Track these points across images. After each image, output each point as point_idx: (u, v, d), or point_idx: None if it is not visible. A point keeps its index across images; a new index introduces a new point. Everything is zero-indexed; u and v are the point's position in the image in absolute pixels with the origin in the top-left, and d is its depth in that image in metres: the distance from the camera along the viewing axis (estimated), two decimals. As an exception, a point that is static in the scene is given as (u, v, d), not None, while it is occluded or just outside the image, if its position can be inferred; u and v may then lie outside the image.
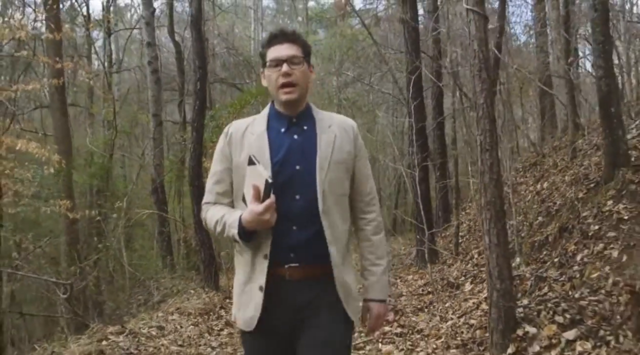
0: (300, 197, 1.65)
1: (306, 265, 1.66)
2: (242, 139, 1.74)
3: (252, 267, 1.69)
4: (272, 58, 1.70)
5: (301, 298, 1.68)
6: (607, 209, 4.13)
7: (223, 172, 1.77)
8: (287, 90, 1.68)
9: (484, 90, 3.43)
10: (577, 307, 3.28)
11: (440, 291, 5.72)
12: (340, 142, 1.73)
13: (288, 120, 1.74)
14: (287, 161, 1.68)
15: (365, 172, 1.82)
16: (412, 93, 6.56)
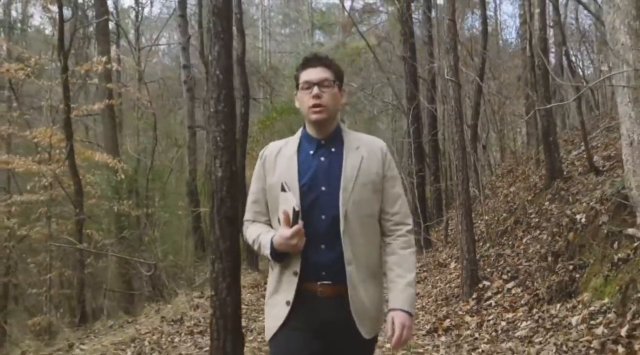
0: (326, 218, 1.70)
1: (336, 283, 1.69)
2: (275, 161, 1.81)
3: (280, 282, 1.75)
4: (304, 80, 1.77)
5: (330, 314, 1.71)
6: (544, 207, 6.05)
7: (259, 192, 1.85)
8: (316, 110, 1.74)
9: (457, 131, 5.33)
10: (516, 270, 5.20)
11: (432, 269, 7.66)
12: (367, 164, 1.76)
13: (317, 142, 1.79)
14: (313, 183, 1.73)
15: (395, 192, 1.83)
16: (411, 119, 8.48)
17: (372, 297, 1.73)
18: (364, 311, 1.71)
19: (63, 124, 9.16)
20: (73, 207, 10.33)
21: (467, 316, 4.88)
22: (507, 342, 3.92)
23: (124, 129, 17.47)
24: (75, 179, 9.17)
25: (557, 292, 4.08)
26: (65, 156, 9.29)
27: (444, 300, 5.75)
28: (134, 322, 5.98)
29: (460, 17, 14.80)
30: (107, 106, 11.92)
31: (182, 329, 5.34)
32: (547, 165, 6.32)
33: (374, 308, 1.74)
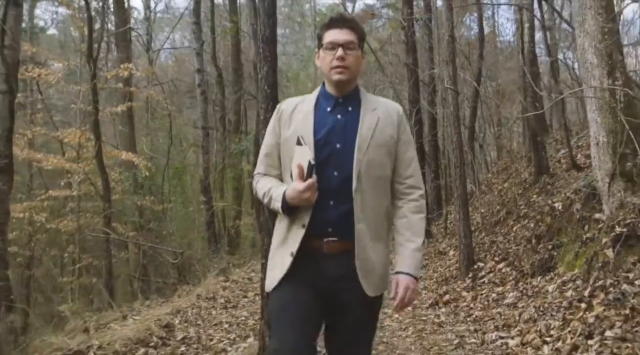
0: (338, 174, 1.70)
1: (342, 240, 1.70)
2: (291, 116, 1.81)
3: (287, 234, 1.76)
4: (329, 41, 1.75)
5: (336, 270, 1.71)
6: (532, 200, 6.85)
7: (272, 145, 1.85)
8: (339, 71, 1.73)
9: (455, 133, 6.12)
10: (506, 253, 6.00)
11: (433, 257, 8.46)
12: (383, 125, 1.76)
13: (335, 100, 1.79)
14: (329, 139, 1.73)
15: (408, 155, 1.83)
16: (413, 121, 9.27)
17: (378, 257, 1.74)
18: (369, 269, 1.71)
19: (92, 125, 9.94)
20: (97, 202, 11.17)
21: (463, 292, 5.69)
22: (496, 308, 4.73)
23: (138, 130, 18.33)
24: (103, 176, 9.96)
25: (538, 267, 4.89)
26: (94, 155, 10.09)
27: (444, 281, 6.56)
28: (169, 302, 6.77)
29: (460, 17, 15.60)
30: (127, 108, 12.73)
31: (216, 304, 6.14)
32: (535, 162, 7.13)
33: (379, 267, 1.74)
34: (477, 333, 4.30)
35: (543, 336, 3.63)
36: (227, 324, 5.16)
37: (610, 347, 3.01)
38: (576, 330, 3.40)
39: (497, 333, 4.12)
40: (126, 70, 10.19)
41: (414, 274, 1.74)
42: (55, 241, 12.43)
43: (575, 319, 3.56)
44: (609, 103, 4.26)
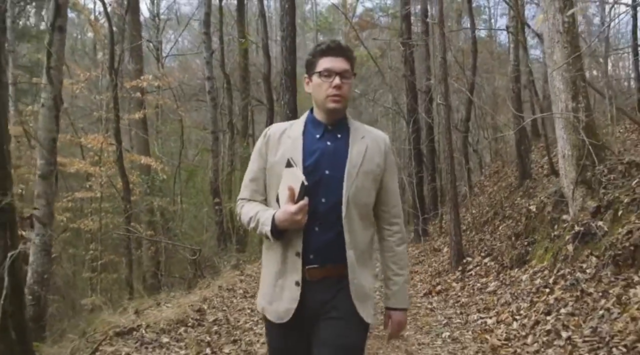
0: (326, 201, 1.71)
1: (324, 267, 1.71)
2: (279, 141, 1.80)
3: (283, 263, 1.74)
4: (326, 68, 1.75)
5: (319, 297, 1.72)
6: (516, 202, 7.68)
7: (258, 170, 1.84)
8: (336, 99, 1.74)
9: (447, 143, 6.94)
10: (491, 249, 6.83)
11: (429, 253, 9.29)
12: (371, 154, 1.78)
13: (324, 127, 1.80)
14: (318, 165, 1.73)
15: (393, 186, 1.87)
16: (411, 128, 10.10)
17: (367, 282, 1.77)
18: (364, 295, 1.74)
19: (114, 132, 10.76)
20: (112, 203, 12.02)
21: (453, 283, 6.52)
22: (480, 295, 5.56)
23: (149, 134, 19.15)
24: (124, 179, 10.78)
25: (516, 261, 5.72)
26: (116, 159, 10.91)
27: (437, 274, 7.39)
28: (193, 293, 7.58)
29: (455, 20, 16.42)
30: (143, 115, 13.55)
31: (236, 294, 6.96)
32: (520, 168, 7.96)
33: (370, 293, 1.79)
34: (462, 315, 5.13)
35: (514, 315, 4.47)
36: (249, 310, 5.98)
37: (562, 320, 3.84)
38: (539, 309, 4.24)
39: (478, 314, 4.95)
40: (145, 81, 11.01)
41: (406, 307, 1.86)
42: (73, 240, 13.24)
43: (540, 301, 4.40)
44: (573, 123, 5.09)
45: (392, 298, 1.83)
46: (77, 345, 4.25)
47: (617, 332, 3.25)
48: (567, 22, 5.17)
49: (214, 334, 4.78)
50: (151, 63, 19.79)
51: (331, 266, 1.71)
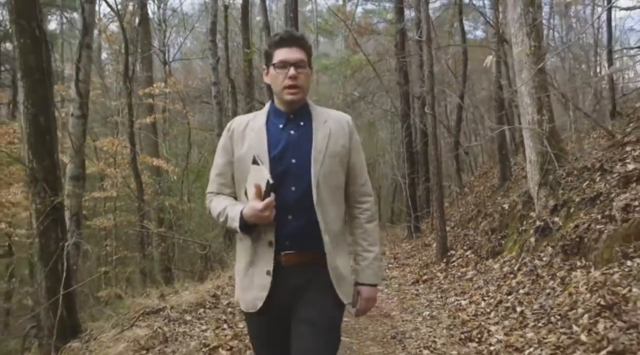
0: (296, 189, 1.73)
1: (301, 252, 1.74)
2: (243, 133, 1.82)
3: (255, 253, 1.77)
4: (280, 59, 1.77)
5: (295, 281, 1.76)
6: (497, 201, 8.49)
7: (225, 165, 1.86)
8: (292, 91, 1.76)
9: (434, 149, 7.75)
10: (472, 243, 7.65)
11: (420, 248, 10.11)
12: (335, 137, 1.80)
13: (286, 116, 1.81)
14: (284, 155, 1.75)
15: (359, 164, 1.89)
16: (404, 133, 10.91)
17: (344, 265, 1.81)
18: (341, 278, 1.78)
19: (129, 136, 11.57)
20: (123, 202, 12.86)
21: (438, 273, 7.34)
22: (459, 282, 6.37)
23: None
24: (137, 179, 11.60)
25: (491, 253, 6.54)
26: (130, 161, 11.73)
27: (425, 266, 8.20)
28: (206, 283, 8.39)
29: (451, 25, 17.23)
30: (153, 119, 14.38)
31: (245, 284, 7.78)
32: (501, 170, 8.77)
33: (347, 275, 1.82)
34: (442, 298, 5.95)
35: (483, 297, 5.29)
36: (257, 295, 6.81)
37: (519, 298, 4.66)
38: (503, 291, 5.07)
39: (455, 297, 5.77)
40: (158, 88, 11.83)
41: (375, 282, 1.84)
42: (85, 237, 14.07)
43: (505, 285, 5.22)
44: (538, 133, 5.91)
45: (361, 273, 1.85)
46: (116, 321, 5.07)
47: (557, 305, 4.07)
48: (534, 46, 5.98)
49: (228, 314, 5.59)
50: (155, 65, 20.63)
51: (308, 253, 1.75)
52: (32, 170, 4.89)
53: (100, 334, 4.79)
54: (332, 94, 25.85)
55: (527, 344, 3.70)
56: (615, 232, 4.26)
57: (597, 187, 5.07)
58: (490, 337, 4.14)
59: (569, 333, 3.52)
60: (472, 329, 4.47)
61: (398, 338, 4.59)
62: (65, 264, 4.81)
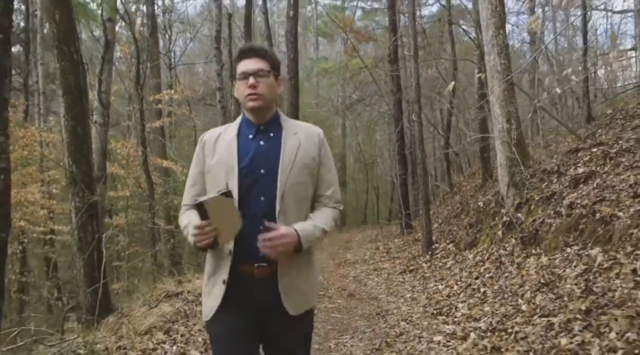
0: (265, 199, 1.74)
1: (272, 265, 1.72)
2: (214, 145, 1.85)
3: (217, 262, 1.78)
4: (240, 71, 1.82)
5: (264, 294, 1.75)
6: (479, 199, 9.36)
7: (197, 175, 1.89)
8: (252, 98, 1.78)
9: (420, 154, 8.61)
10: (454, 237, 8.52)
11: (410, 243, 10.99)
12: (305, 148, 1.82)
13: (256, 127, 1.84)
14: (253, 165, 1.77)
15: (329, 177, 1.90)
16: (396, 137, 11.77)
17: (302, 276, 1.80)
18: (293, 289, 1.76)
19: (140, 139, 12.45)
20: (133, 201, 13.75)
21: (423, 263, 8.21)
22: (439, 271, 7.25)
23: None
24: (149, 180, 12.48)
25: (468, 245, 7.41)
26: (141, 163, 12.61)
27: (413, 258, 9.08)
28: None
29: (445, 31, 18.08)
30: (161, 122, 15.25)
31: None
32: (482, 171, 9.63)
33: (304, 286, 1.81)
34: (423, 284, 6.83)
35: (457, 281, 6.16)
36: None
37: (484, 281, 5.53)
38: (473, 276, 5.94)
39: (434, 283, 6.65)
40: (167, 94, 12.71)
41: (300, 233, 1.73)
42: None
43: (475, 271, 6.10)
44: (507, 140, 6.77)
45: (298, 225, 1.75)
46: (143, 301, 5.94)
47: (511, 285, 4.94)
48: (503, 63, 6.84)
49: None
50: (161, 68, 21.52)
51: (273, 264, 1.73)
52: (71, 173, 5.76)
53: (131, 311, 5.66)
54: (331, 97, 26.78)
55: (483, 315, 4.57)
56: (561, 225, 5.13)
57: (552, 188, 5.93)
58: (457, 312, 5.02)
59: (514, 305, 4.39)
60: (443, 306, 5.35)
61: (382, 314, 5.47)
62: (103, 252, 5.68)
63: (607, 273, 3.91)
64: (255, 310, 1.78)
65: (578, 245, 4.70)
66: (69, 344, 3.85)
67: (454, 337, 4.22)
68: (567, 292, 3.96)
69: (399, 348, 4.15)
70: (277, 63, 1.89)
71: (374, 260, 10.04)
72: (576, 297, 3.79)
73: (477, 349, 3.76)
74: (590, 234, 4.63)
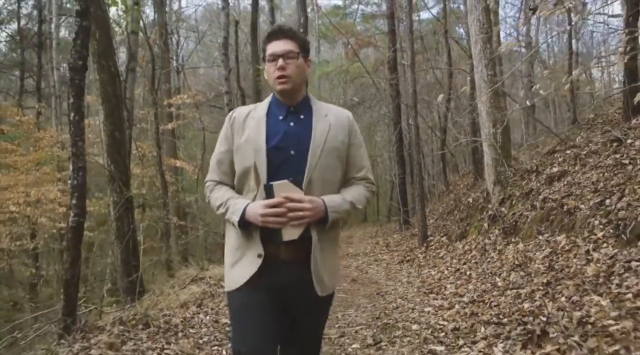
0: (293, 180, 1.71)
1: (297, 246, 1.72)
2: (244, 123, 1.83)
3: (247, 238, 1.76)
4: (270, 53, 1.80)
5: (292, 275, 1.75)
6: (470, 196, 10.19)
7: (225, 153, 1.86)
8: (281, 81, 1.77)
9: (417, 156, 9.44)
10: (447, 230, 9.36)
11: (408, 238, 11.82)
12: (335, 131, 1.81)
13: (287, 108, 1.83)
14: (283, 146, 1.75)
15: (360, 158, 1.90)
16: (395, 139, 12.60)
17: (328, 259, 1.80)
18: (322, 271, 1.77)
19: (155, 141, 13.29)
20: (151, 200, 14.59)
21: (419, 254, 9.04)
22: (433, 260, 8.08)
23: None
24: (162, 178, 13.32)
25: (459, 236, 8.24)
26: (156, 163, 13.44)
27: (410, 250, 9.91)
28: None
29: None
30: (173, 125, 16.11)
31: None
32: (474, 171, 10.46)
33: (330, 268, 1.82)
34: (418, 271, 7.66)
35: (447, 267, 6.99)
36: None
37: (470, 266, 6.36)
38: (461, 262, 6.77)
39: (428, 270, 7.48)
40: (180, 99, 13.56)
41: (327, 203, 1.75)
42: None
43: (463, 258, 6.93)
44: (492, 143, 7.60)
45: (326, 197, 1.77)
46: (172, 284, 6.78)
47: (492, 267, 5.77)
48: (490, 74, 7.68)
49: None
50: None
51: (301, 246, 1.73)
52: (110, 172, 6.59)
53: (161, 293, 6.49)
54: (332, 99, 27.61)
55: (467, 292, 5.40)
56: (535, 217, 5.96)
57: (531, 185, 6.77)
58: (445, 291, 5.84)
59: (492, 282, 5.22)
60: (434, 287, 6.18)
61: (381, 294, 6.30)
62: (138, 240, 6.50)
63: (567, 254, 4.75)
64: (280, 292, 1.77)
65: (548, 233, 5.53)
66: (127, 311, 4.68)
67: (441, 308, 5.05)
68: (534, 270, 4.80)
69: (395, 317, 4.97)
70: (306, 44, 1.89)
71: (374, 253, 10.87)
72: (541, 273, 4.63)
73: (459, 315, 4.59)
74: (558, 223, 5.46)
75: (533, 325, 3.57)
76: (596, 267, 4.08)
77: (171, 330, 4.36)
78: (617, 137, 6.15)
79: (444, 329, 4.24)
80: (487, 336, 3.78)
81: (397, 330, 4.41)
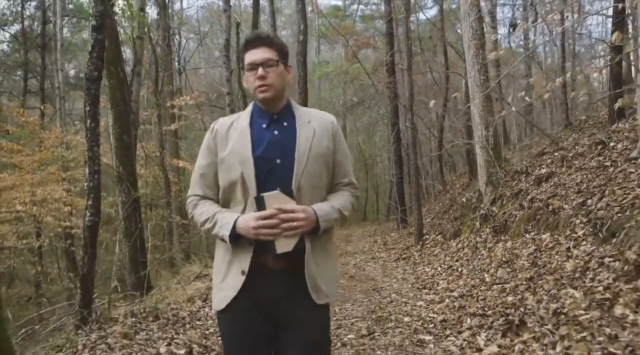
0: (281, 190, 1.68)
1: (288, 257, 1.68)
2: (227, 134, 1.79)
3: (234, 252, 1.71)
4: (248, 62, 1.77)
5: (280, 288, 1.71)
6: (466, 196, 10.51)
7: (208, 166, 1.81)
8: (262, 89, 1.74)
9: (413, 157, 9.75)
10: (442, 229, 9.68)
11: (405, 237, 12.14)
12: (319, 137, 1.79)
13: (269, 116, 1.80)
14: (268, 155, 1.72)
15: (344, 164, 1.88)
16: (392, 140, 12.91)
17: (323, 267, 1.76)
18: (317, 280, 1.73)
19: (159, 141, 13.61)
20: (154, 199, 14.90)
21: (415, 252, 9.36)
22: (427, 257, 8.40)
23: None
24: (166, 178, 13.63)
25: (453, 235, 8.56)
26: (159, 163, 13.76)
27: (406, 248, 10.23)
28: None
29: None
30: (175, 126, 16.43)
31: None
32: (469, 171, 10.77)
33: (327, 276, 1.78)
34: (413, 268, 7.98)
35: (440, 264, 7.31)
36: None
37: (462, 263, 6.68)
38: (453, 259, 7.09)
39: (422, 267, 7.80)
40: (184, 100, 13.87)
41: (317, 212, 1.71)
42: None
43: (456, 256, 7.25)
44: (485, 145, 7.92)
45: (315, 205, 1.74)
46: (177, 280, 7.10)
47: (481, 264, 6.09)
48: (482, 78, 7.99)
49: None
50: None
51: (293, 257, 1.69)
52: (119, 174, 6.91)
53: (167, 289, 6.82)
54: (332, 99, 27.92)
55: (457, 287, 5.72)
56: (523, 216, 6.28)
57: (520, 185, 7.09)
58: (438, 286, 6.17)
59: (481, 278, 5.54)
60: (427, 283, 6.51)
61: (377, 290, 6.63)
62: (145, 238, 6.82)
63: (550, 251, 5.07)
64: (271, 304, 1.73)
65: (534, 231, 5.85)
66: (138, 305, 5.00)
67: (432, 303, 5.38)
68: (520, 266, 5.12)
69: (389, 310, 5.30)
70: (285, 50, 1.85)
71: (372, 251, 11.20)
72: (525, 269, 4.95)
73: (448, 308, 4.91)
74: (543, 222, 5.78)
75: (513, 316, 3.90)
76: (575, 263, 4.39)
77: (179, 322, 4.68)
78: (602, 139, 6.46)
79: (433, 321, 4.57)
80: (472, 326, 4.10)
81: (390, 322, 4.74)
